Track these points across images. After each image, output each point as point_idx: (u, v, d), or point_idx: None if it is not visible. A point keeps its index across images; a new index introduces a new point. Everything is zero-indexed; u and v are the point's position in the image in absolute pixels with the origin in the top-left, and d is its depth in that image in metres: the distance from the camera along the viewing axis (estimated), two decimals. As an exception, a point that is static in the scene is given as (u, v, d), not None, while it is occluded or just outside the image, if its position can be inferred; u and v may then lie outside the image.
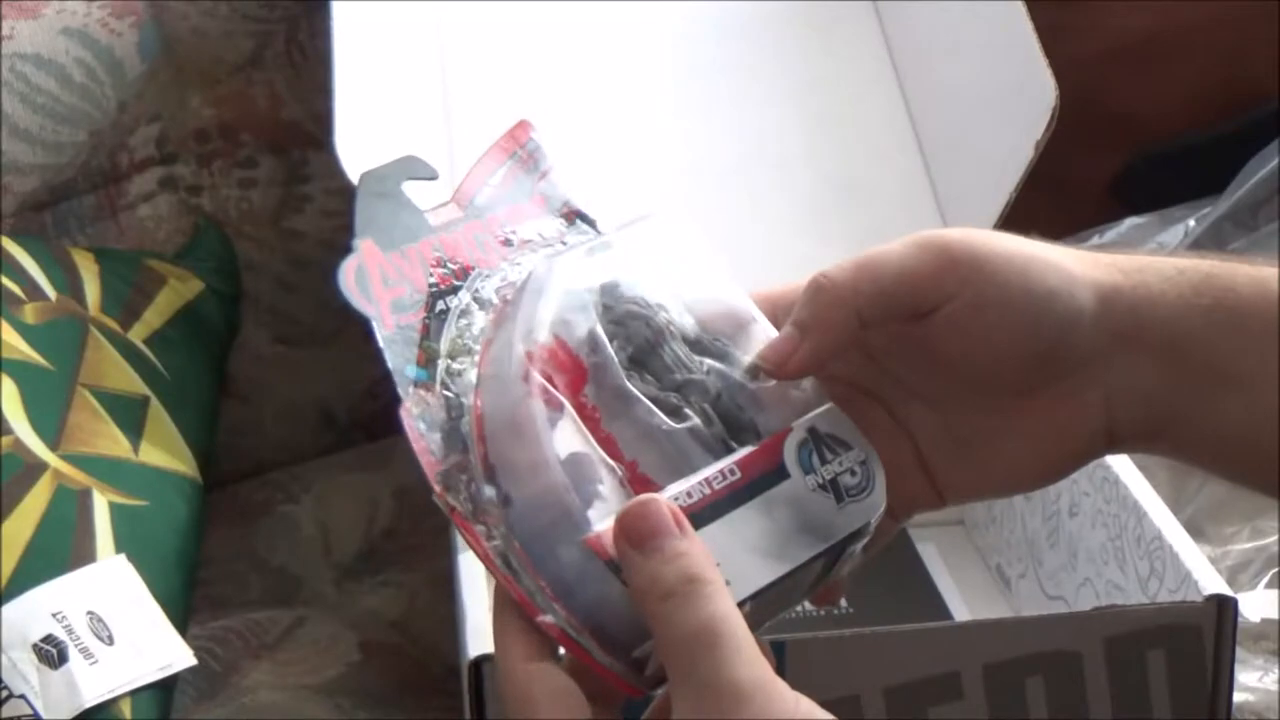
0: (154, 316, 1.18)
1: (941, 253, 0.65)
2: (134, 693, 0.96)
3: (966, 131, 1.18)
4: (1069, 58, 1.13)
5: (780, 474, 0.65)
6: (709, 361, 0.67)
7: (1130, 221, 1.30)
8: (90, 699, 0.93)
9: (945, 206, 1.19)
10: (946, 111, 1.21)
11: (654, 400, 0.65)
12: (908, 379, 0.69)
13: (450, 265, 0.68)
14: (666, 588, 0.58)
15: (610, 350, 0.66)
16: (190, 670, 1.00)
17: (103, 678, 0.95)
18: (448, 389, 0.65)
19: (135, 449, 1.08)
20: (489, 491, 0.63)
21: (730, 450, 0.65)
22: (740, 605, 0.60)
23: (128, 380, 1.12)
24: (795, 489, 0.64)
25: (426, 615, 1.15)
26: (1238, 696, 0.98)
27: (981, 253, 0.65)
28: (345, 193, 1.09)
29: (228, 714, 1.04)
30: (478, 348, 0.66)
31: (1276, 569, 1.09)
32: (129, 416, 1.10)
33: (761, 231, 1.17)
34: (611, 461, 0.63)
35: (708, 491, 0.63)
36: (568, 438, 0.63)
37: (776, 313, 0.68)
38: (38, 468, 1.01)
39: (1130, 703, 0.84)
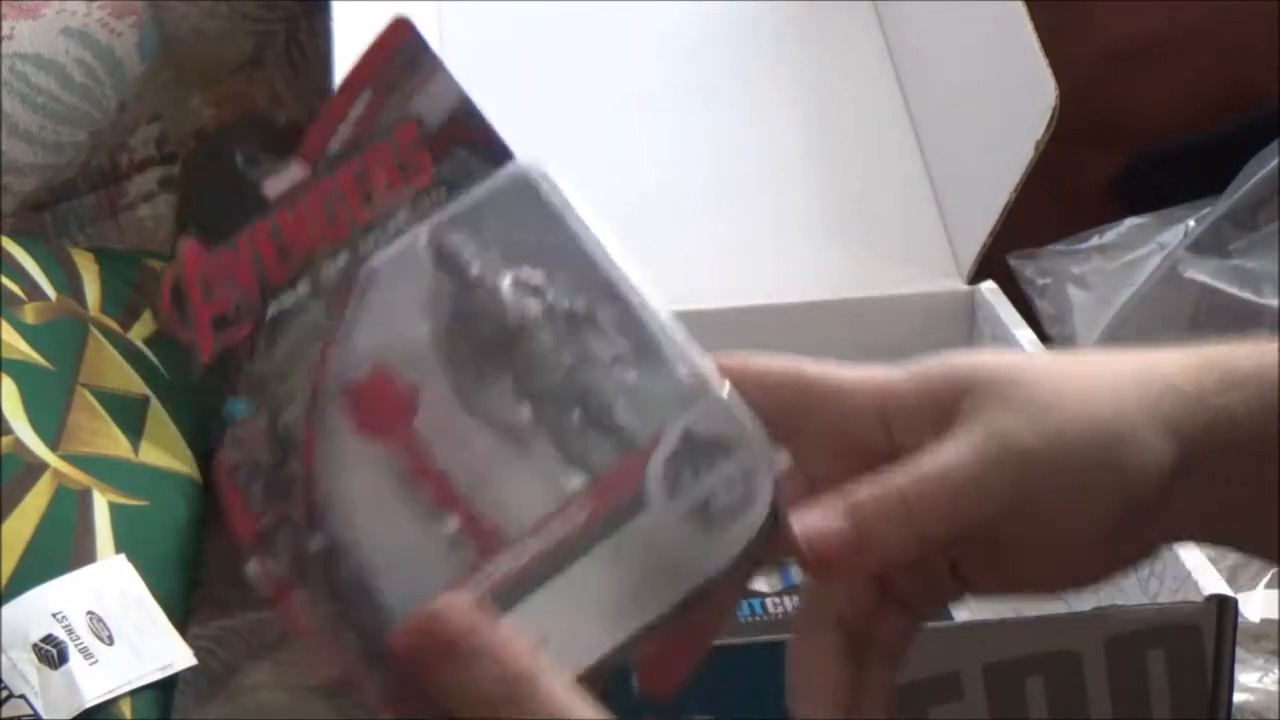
0: (154, 316, 1.18)
1: (1021, 470, 0.56)
2: (134, 693, 0.96)
3: (966, 131, 1.18)
4: (1069, 58, 1.13)
5: (638, 503, 0.54)
6: (576, 350, 0.56)
7: (1130, 221, 1.30)
8: (90, 699, 0.93)
9: (945, 206, 1.19)
10: (946, 111, 1.21)
11: (498, 425, 0.55)
12: None
13: (289, 251, 0.55)
14: (494, 695, 0.51)
15: (443, 375, 0.55)
16: (190, 670, 1.00)
17: (103, 678, 0.94)
18: (279, 416, 0.54)
19: (135, 449, 1.08)
20: (317, 541, 0.54)
21: (589, 472, 0.55)
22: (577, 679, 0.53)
23: (128, 380, 1.12)
24: (654, 521, 0.54)
25: (426, 615, 1.15)
26: (1238, 696, 0.98)
27: (1062, 461, 0.56)
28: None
29: (228, 714, 1.04)
30: (316, 353, 0.55)
31: (1276, 569, 1.09)
32: (129, 416, 1.10)
33: (761, 232, 1.17)
34: (445, 514, 0.54)
35: (544, 545, 0.54)
36: (385, 503, 0.54)
37: (759, 394, 0.58)
38: (38, 468, 1.01)
39: (1130, 703, 0.84)
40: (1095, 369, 0.59)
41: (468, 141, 0.57)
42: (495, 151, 0.58)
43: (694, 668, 0.58)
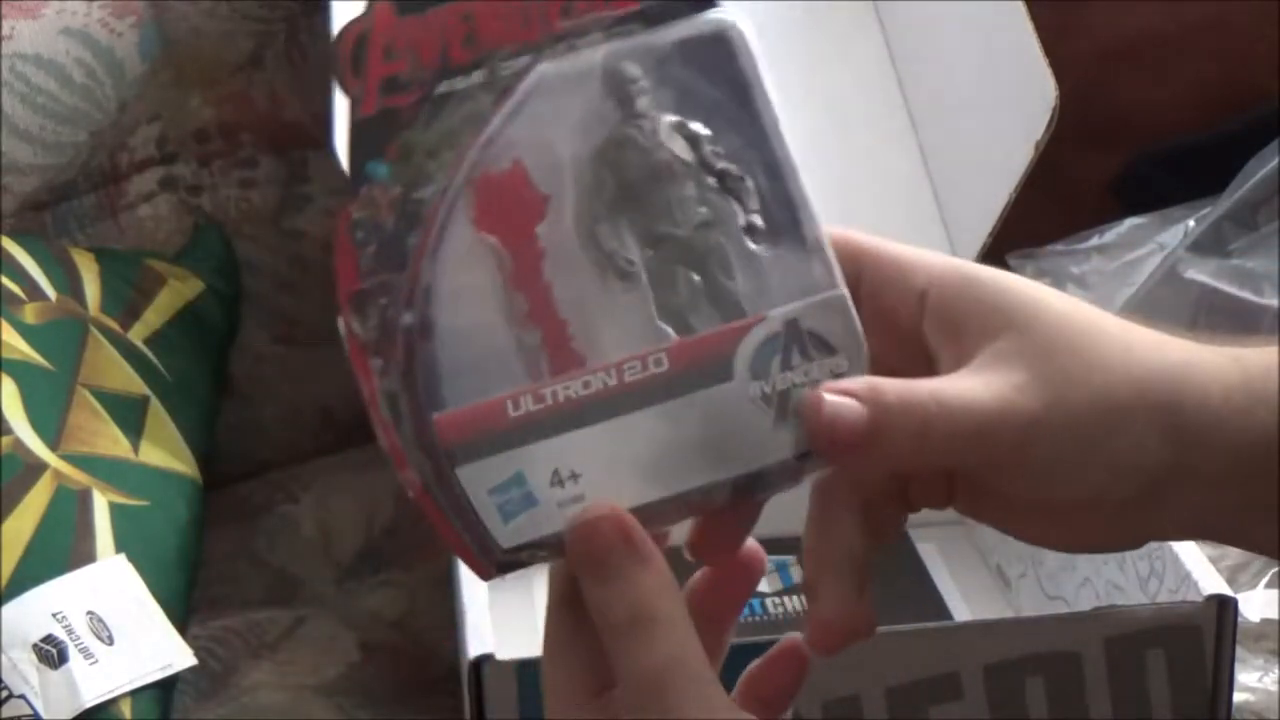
0: (154, 316, 1.18)
1: (1026, 431, 0.58)
2: (134, 693, 0.96)
3: (966, 131, 1.18)
4: (1069, 58, 1.13)
5: (721, 374, 0.55)
6: (713, 209, 0.57)
7: (1130, 221, 1.30)
8: (90, 699, 0.93)
9: (945, 206, 1.19)
10: (946, 111, 1.21)
11: (610, 255, 0.56)
12: None
13: (476, 38, 0.56)
14: (615, 623, 0.55)
15: (575, 195, 0.56)
16: (190, 670, 1.00)
17: (103, 678, 0.95)
18: (414, 190, 0.56)
19: (135, 449, 1.08)
20: (408, 318, 0.55)
21: (688, 330, 0.55)
22: None
23: (128, 380, 1.12)
24: (729, 395, 0.55)
25: (426, 615, 1.15)
26: (1238, 696, 0.98)
27: (1061, 433, 0.58)
28: (345, 193, 1.09)
29: (228, 714, 1.04)
30: (467, 142, 0.56)
31: (1276, 569, 1.09)
32: (129, 416, 1.10)
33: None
34: (534, 326, 0.55)
35: (612, 382, 0.55)
36: (484, 298, 0.55)
37: (861, 274, 0.60)
38: (38, 468, 1.01)
39: (1130, 703, 0.84)
40: (1137, 351, 0.60)
41: None
42: (705, 3, 0.58)
43: (739, 545, 0.59)
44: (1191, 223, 1.27)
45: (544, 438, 0.55)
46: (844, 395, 0.56)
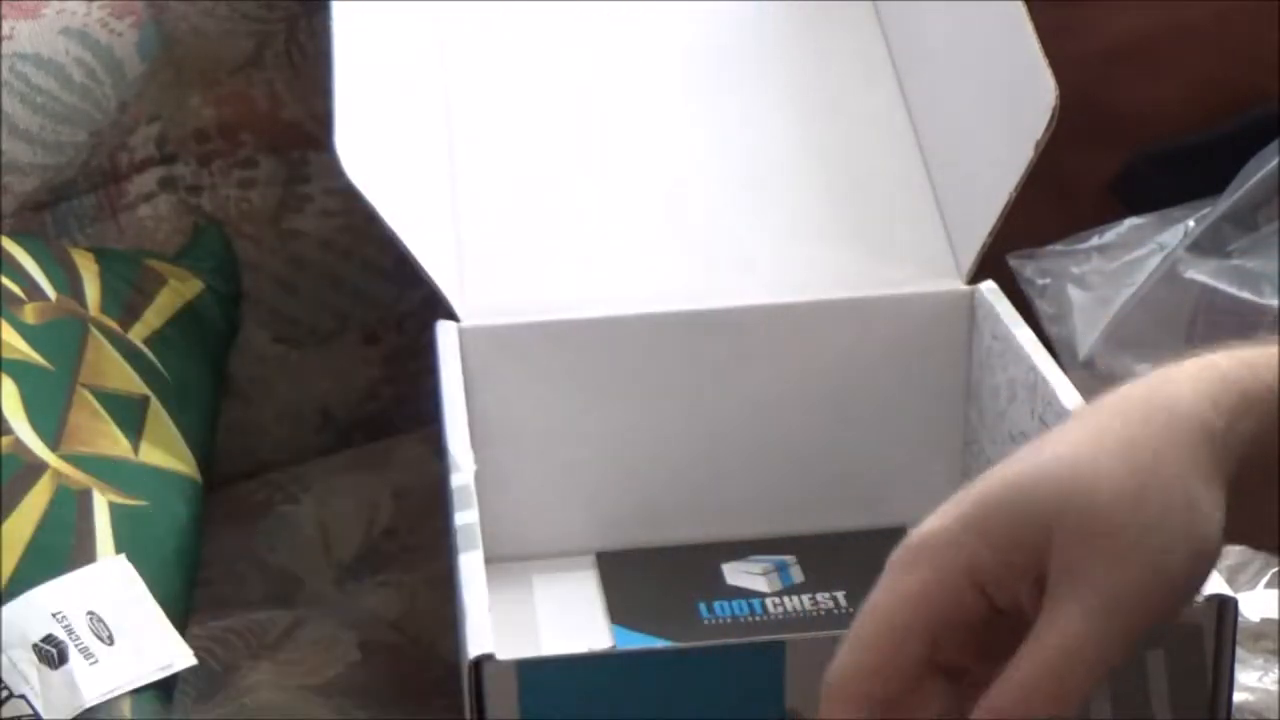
0: (154, 316, 1.18)
1: (1133, 615, 0.59)
2: (134, 693, 0.96)
3: (966, 131, 1.18)
4: (1069, 58, 1.13)
5: None
6: None
7: (1130, 221, 1.29)
8: (90, 699, 0.93)
9: (945, 206, 1.19)
10: (946, 111, 1.21)
11: None
12: None
13: None
14: None
15: None
16: (190, 670, 1.00)
17: (103, 678, 0.95)
18: None
19: (135, 449, 1.08)
20: None
21: None
22: None
23: (128, 380, 1.12)
24: None
25: (426, 615, 1.15)
26: (1238, 696, 0.98)
27: (1161, 589, 0.59)
28: (345, 193, 1.09)
29: (228, 714, 1.04)
30: None
31: (1276, 569, 1.09)
32: (129, 416, 1.10)
33: (760, 232, 1.17)
34: None
35: None
36: None
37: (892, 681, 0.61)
38: (38, 468, 1.01)
39: (1130, 702, 0.84)
40: (1139, 458, 0.60)
41: None
42: None
43: None
44: (1191, 223, 1.27)
45: None
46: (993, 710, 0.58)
